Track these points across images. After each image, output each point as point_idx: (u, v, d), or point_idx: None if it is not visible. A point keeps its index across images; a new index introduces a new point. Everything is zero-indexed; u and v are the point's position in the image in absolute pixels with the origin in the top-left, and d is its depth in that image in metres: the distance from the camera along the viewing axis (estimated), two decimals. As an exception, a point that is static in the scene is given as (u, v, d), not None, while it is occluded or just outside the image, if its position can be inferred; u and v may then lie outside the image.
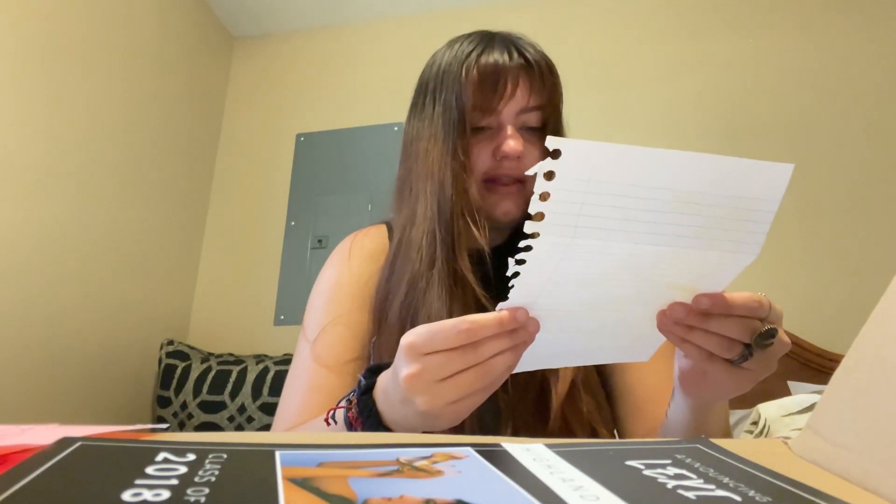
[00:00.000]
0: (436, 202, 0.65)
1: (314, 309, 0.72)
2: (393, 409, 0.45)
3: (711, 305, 0.40)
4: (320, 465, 0.28)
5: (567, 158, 0.34)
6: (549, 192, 0.34)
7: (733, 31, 2.01)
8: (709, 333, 0.41)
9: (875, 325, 0.32)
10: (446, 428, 0.44)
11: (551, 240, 0.36)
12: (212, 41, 2.36)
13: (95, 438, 0.29)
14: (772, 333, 0.41)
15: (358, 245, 0.76)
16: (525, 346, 0.42)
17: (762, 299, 0.41)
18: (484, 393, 0.42)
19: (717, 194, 0.36)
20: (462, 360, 0.40)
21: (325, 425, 0.52)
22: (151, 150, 1.98)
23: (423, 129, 0.70)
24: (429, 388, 0.40)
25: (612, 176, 0.35)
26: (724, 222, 0.37)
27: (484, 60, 0.67)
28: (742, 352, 0.42)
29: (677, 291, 0.41)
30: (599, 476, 0.28)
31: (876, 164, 1.78)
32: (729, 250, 0.38)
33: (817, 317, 1.67)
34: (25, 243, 1.51)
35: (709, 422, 0.53)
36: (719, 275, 0.40)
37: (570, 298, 0.41)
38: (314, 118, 2.31)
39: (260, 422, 1.72)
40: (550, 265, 0.38)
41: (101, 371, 1.74)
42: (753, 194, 0.36)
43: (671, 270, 0.39)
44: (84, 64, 1.71)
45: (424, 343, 0.40)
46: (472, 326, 0.39)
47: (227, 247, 2.23)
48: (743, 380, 0.44)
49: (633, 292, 0.41)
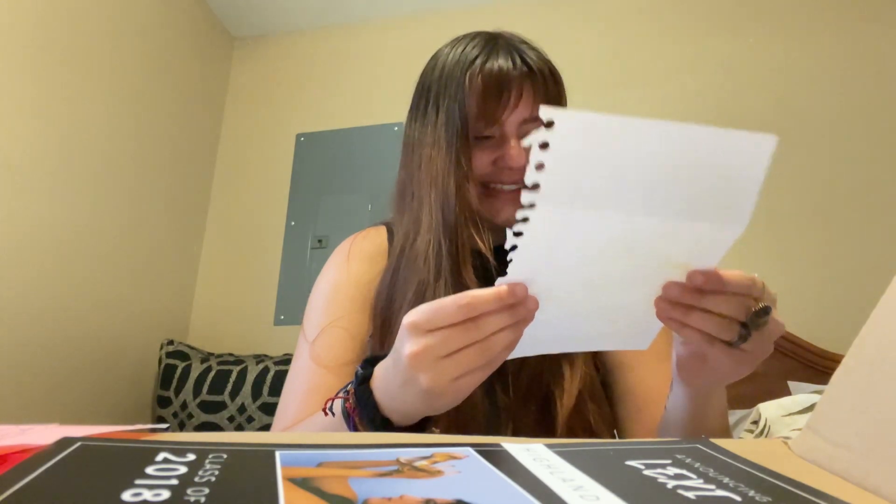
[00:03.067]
0: (440, 212, 0.65)
1: (313, 310, 0.72)
2: (392, 396, 0.46)
3: (705, 281, 0.41)
4: (320, 465, 0.28)
5: (561, 128, 0.34)
6: (544, 163, 0.35)
7: (733, 31, 2.01)
8: (706, 315, 0.42)
9: (875, 325, 0.32)
10: (446, 409, 0.45)
11: (548, 210, 0.36)
12: (212, 41, 2.36)
13: (95, 438, 0.29)
14: (766, 311, 0.42)
15: (357, 247, 0.76)
16: (525, 324, 0.43)
17: (755, 278, 0.42)
18: (485, 370, 0.43)
19: (704, 163, 0.37)
20: (464, 337, 0.41)
21: (323, 419, 0.53)
22: (151, 151, 1.98)
23: (425, 134, 0.69)
24: (432, 364, 0.41)
25: (605, 146, 0.36)
26: (712, 192, 0.38)
27: (488, 68, 0.67)
28: (740, 332, 0.42)
29: (671, 269, 0.42)
30: (599, 476, 0.28)
31: (876, 165, 1.78)
32: (718, 221, 0.39)
33: (817, 317, 1.67)
34: (25, 243, 1.51)
35: (707, 412, 0.53)
36: (711, 250, 0.40)
37: (567, 277, 0.42)
38: (314, 118, 2.31)
39: (260, 422, 1.72)
40: (547, 237, 0.38)
41: (101, 371, 1.74)
42: (739, 164, 0.37)
43: (664, 245, 0.40)
44: (84, 64, 1.71)
45: (427, 320, 0.41)
46: (472, 301, 0.40)
47: (227, 247, 2.23)
48: (742, 362, 0.44)
49: (629, 271, 0.42)
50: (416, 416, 0.47)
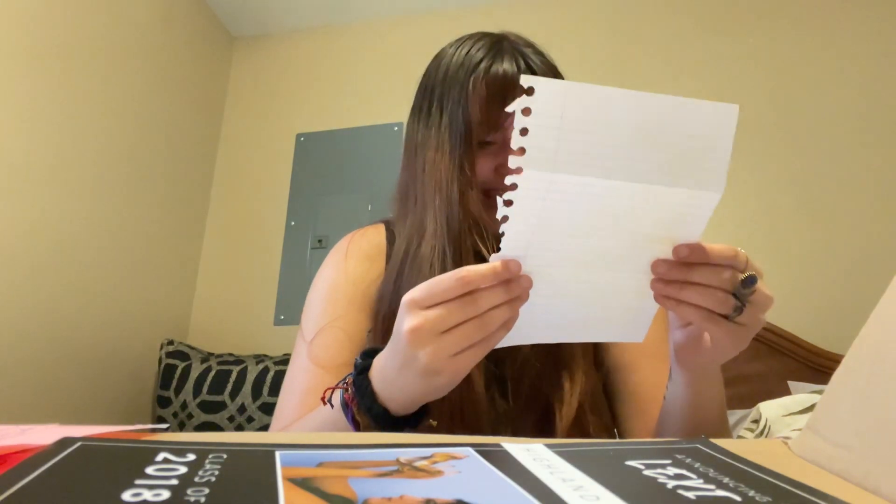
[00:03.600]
0: (444, 218, 0.64)
1: (311, 310, 0.72)
2: (391, 382, 0.47)
3: (690, 253, 0.43)
4: (320, 465, 0.28)
5: (540, 95, 0.37)
6: (527, 128, 0.38)
7: (733, 31, 2.01)
8: (700, 289, 0.44)
9: (875, 325, 0.32)
10: (444, 390, 0.46)
11: (533, 174, 0.39)
12: (212, 41, 2.36)
13: (95, 438, 0.29)
14: (752, 280, 0.44)
15: (355, 245, 0.76)
16: (520, 303, 0.44)
17: (738, 250, 0.44)
18: (482, 346, 0.44)
19: (676, 130, 0.40)
20: (461, 312, 0.42)
21: (322, 412, 0.53)
22: (151, 151, 1.98)
23: (428, 136, 0.69)
24: (431, 339, 0.42)
25: (583, 112, 0.39)
26: (686, 158, 0.41)
27: (492, 73, 0.66)
28: (735, 304, 0.44)
29: (657, 245, 0.44)
30: (599, 476, 0.28)
31: (876, 165, 1.78)
32: (694, 187, 0.42)
33: (817, 317, 1.67)
34: (25, 244, 1.51)
35: (705, 395, 0.54)
36: (692, 220, 0.43)
37: (557, 253, 0.44)
38: (314, 118, 2.31)
39: (260, 422, 1.72)
40: (536, 205, 0.41)
41: (102, 371, 1.74)
42: (708, 132, 0.41)
43: (646, 213, 0.43)
44: (83, 64, 1.71)
45: (425, 297, 0.43)
46: (468, 275, 0.42)
47: (227, 247, 2.23)
48: (738, 336, 0.46)
49: (615, 247, 0.44)
50: (415, 402, 0.48)
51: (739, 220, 1.82)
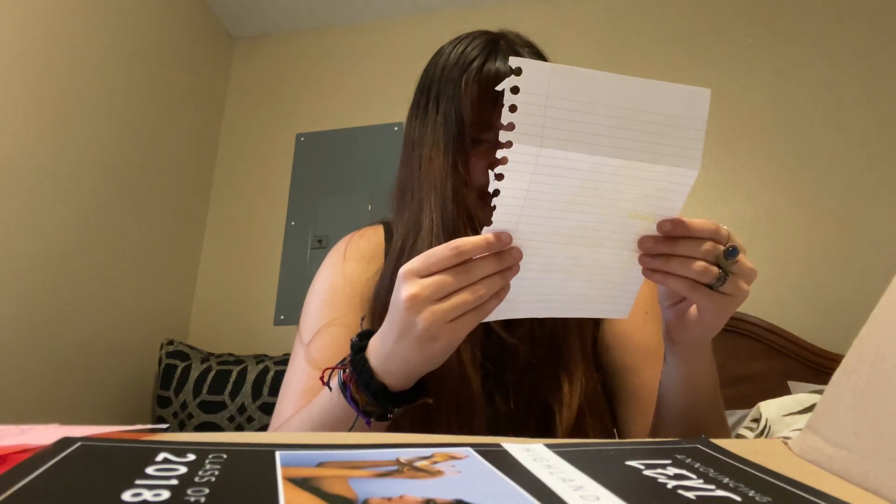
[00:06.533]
0: (440, 216, 0.64)
1: (309, 311, 0.72)
2: (388, 355, 0.48)
3: (673, 228, 0.46)
4: (320, 465, 0.28)
5: (527, 74, 0.40)
6: (516, 105, 0.41)
7: (733, 32, 2.01)
8: (684, 260, 0.46)
9: (875, 325, 0.32)
10: (442, 357, 0.48)
11: (522, 148, 0.42)
12: (212, 41, 2.36)
13: (95, 438, 0.29)
14: (734, 251, 0.46)
15: (354, 246, 0.76)
16: (512, 274, 0.46)
17: (719, 224, 0.47)
18: (476, 314, 0.46)
19: (654, 111, 0.43)
20: (456, 280, 0.44)
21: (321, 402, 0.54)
22: (151, 151, 1.98)
23: (425, 134, 0.69)
24: (428, 306, 0.44)
25: (568, 91, 0.42)
26: (662, 136, 0.44)
27: (485, 72, 0.66)
28: (718, 273, 0.46)
29: (639, 222, 0.47)
30: (599, 476, 0.28)
31: (876, 164, 1.78)
32: (673, 164, 0.45)
33: (817, 317, 1.67)
34: (25, 244, 1.51)
35: (700, 372, 0.55)
36: (671, 196, 0.46)
37: (545, 227, 0.46)
38: (314, 118, 2.31)
39: (260, 422, 1.72)
40: (525, 178, 0.43)
41: (101, 371, 1.74)
42: (680, 113, 0.44)
43: (628, 189, 0.45)
44: (84, 64, 1.71)
45: (421, 266, 0.45)
46: (463, 245, 0.44)
47: (227, 247, 2.23)
48: (724, 305, 0.48)
49: (600, 221, 0.47)
50: (412, 374, 0.49)
51: (740, 221, 1.82)
